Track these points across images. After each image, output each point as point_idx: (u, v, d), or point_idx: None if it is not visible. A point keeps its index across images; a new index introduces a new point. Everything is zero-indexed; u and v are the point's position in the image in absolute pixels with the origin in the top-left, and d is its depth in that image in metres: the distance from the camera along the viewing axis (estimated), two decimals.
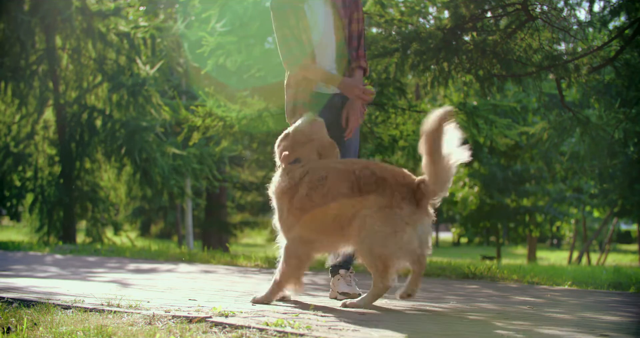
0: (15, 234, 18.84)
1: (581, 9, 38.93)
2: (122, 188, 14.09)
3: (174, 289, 4.48)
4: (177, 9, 13.98)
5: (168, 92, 15.42)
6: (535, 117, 19.14)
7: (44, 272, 5.94)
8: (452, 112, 3.34)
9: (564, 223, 25.05)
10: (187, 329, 2.80)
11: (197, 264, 7.29)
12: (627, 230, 37.13)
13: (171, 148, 13.23)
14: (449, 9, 6.67)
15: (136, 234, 27.87)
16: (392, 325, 2.98)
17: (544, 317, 3.49)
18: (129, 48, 13.17)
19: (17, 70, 12.95)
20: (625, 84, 6.51)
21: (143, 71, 12.95)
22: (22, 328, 2.82)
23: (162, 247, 10.49)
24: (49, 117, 13.70)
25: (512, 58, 6.40)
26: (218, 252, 8.64)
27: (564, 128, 6.99)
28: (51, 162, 13.63)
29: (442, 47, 6.46)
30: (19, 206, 13.69)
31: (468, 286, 5.34)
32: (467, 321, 3.24)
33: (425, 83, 7.25)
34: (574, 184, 21.38)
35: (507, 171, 20.55)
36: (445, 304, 3.95)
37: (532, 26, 6.18)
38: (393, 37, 7.26)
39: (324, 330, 2.81)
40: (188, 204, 17.13)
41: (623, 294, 5.12)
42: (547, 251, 32.15)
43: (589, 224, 27.88)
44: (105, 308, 3.26)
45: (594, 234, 24.69)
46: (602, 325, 3.25)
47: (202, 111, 8.16)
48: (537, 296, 4.67)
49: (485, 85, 6.82)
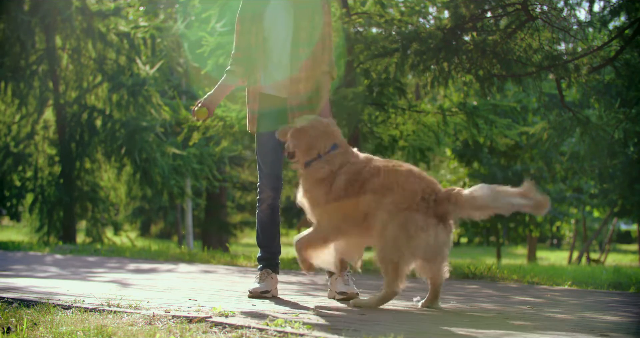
0: (15, 234, 18.83)
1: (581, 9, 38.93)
2: (122, 188, 14.08)
3: (174, 289, 4.48)
4: (177, 9, 13.98)
5: (168, 92, 15.41)
6: (535, 117, 19.13)
7: (44, 272, 5.94)
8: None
9: (564, 223, 25.04)
10: (187, 329, 2.80)
11: (197, 264, 7.29)
12: (627, 230, 37.11)
13: (171, 148, 13.23)
14: (449, 9, 6.67)
15: (136, 234, 27.86)
16: (392, 325, 2.98)
17: (544, 317, 3.49)
18: (129, 48, 13.17)
19: (17, 70, 12.94)
20: (625, 84, 6.51)
21: (143, 71, 12.94)
22: (22, 328, 2.82)
23: (162, 247, 10.49)
24: (49, 117, 13.69)
25: (512, 58, 6.40)
26: (218, 252, 8.64)
27: (564, 128, 6.99)
28: (51, 162, 13.63)
29: (442, 47, 6.46)
30: (19, 206, 13.68)
31: (468, 286, 5.34)
32: (467, 321, 3.24)
33: (425, 83, 7.25)
34: (574, 184, 21.36)
35: (507, 171, 20.53)
36: (445, 304, 3.95)
37: (532, 26, 6.18)
38: (393, 37, 7.27)
39: (324, 330, 2.81)
40: (188, 204, 17.12)
41: (623, 294, 5.12)
42: (547, 251, 32.13)
43: (589, 224, 27.85)
44: (105, 308, 3.26)
45: (594, 234, 24.68)
46: (602, 325, 3.25)
47: None
48: (537, 296, 4.67)
49: (485, 85, 6.82)
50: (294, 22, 4.06)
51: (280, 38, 4.09)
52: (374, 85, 8.09)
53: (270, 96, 4.15)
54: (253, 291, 4.06)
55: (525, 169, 20.63)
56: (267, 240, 4.22)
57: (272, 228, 4.19)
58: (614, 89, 6.73)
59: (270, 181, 4.16)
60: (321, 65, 4.07)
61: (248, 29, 4.13)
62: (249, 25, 4.13)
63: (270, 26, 4.10)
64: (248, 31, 4.13)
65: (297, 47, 4.05)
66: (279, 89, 4.13)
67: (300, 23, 4.05)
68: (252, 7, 4.15)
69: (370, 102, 7.97)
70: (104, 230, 14.43)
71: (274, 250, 4.23)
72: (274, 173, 4.15)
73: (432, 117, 8.33)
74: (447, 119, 8.15)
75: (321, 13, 4.08)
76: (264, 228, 4.20)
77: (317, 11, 4.07)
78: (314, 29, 4.06)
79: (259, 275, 4.17)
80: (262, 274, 4.16)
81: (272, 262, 4.21)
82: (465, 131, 8.37)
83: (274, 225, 4.20)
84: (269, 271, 4.16)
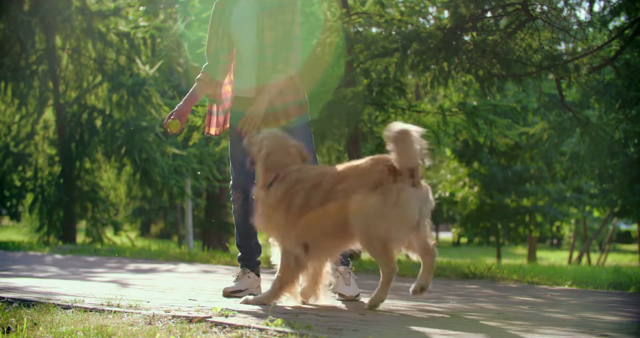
0: (15, 234, 18.83)
1: (581, 9, 38.95)
2: (122, 188, 14.08)
3: (174, 289, 4.48)
4: (177, 9, 13.99)
5: (168, 92, 15.40)
6: (535, 117, 19.13)
7: (44, 272, 5.94)
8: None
9: (564, 223, 25.04)
10: (187, 329, 2.80)
11: (197, 264, 7.29)
12: (627, 230, 37.10)
13: (171, 148, 13.23)
14: (449, 9, 6.67)
15: (136, 234, 27.86)
16: (392, 325, 2.98)
17: (544, 317, 3.49)
18: (129, 48, 13.16)
19: (17, 70, 12.93)
20: (625, 84, 6.51)
21: (143, 71, 12.93)
22: (22, 328, 2.82)
23: (162, 247, 10.49)
24: (49, 117, 13.68)
25: (512, 58, 6.40)
26: (218, 252, 8.63)
27: (564, 128, 6.99)
28: (51, 162, 13.62)
29: (442, 47, 6.46)
30: (19, 206, 13.68)
31: (468, 286, 5.34)
32: (467, 321, 3.24)
33: (425, 83, 7.25)
34: (574, 184, 21.35)
35: (507, 171, 20.54)
36: (445, 304, 3.95)
37: (532, 26, 6.18)
38: (393, 37, 7.26)
39: (324, 330, 2.81)
40: (188, 204, 17.12)
41: (623, 294, 5.12)
42: (547, 251, 32.13)
43: (589, 224, 27.85)
44: (105, 308, 3.26)
45: (594, 234, 24.68)
46: (602, 325, 3.25)
47: (202, 111, 8.16)
48: (537, 296, 4.66)
49: (485, 85, 6.82)
50: (259, 22, 4.01)
51: (247, 39, 4.06)
52: (374, 85, 8.09)
53: (238, 97, 4.15)
54: (224, 291, 4.10)
55: (525, 169, 20.64)
56: (243, 239, 4.22)
57: (247, 228, 4.15)
58: (614, 89, 6.73)
59: (241, 181, 4.14)
60: (278, 63, 3.96)
61: (216, 31, 4.13)
62: (217, 27, 4.13)
63: (237, 27, 4.08)
64: (215, 33, 4.13)
65: (264, 48, 4.01)
66: (246, 91, 4.11)
67: (265, 22, 4.00)
68: (221, 9, 4.15)
69: (370, 102, 7.97)
70: (103, 230, 14.43)
71: (251, 249, 4.22)
72: (245, 172, 4.10)
73: (432, 117, 8.32)
74: (447, 119, 8.14)
75: (286, 11, 3.99)
76: (239, 229, 4.21)
77: (282, 9, 3.99)
78: (276, 28, 3.99)
79: (236, 274, 4.20)
80: (239, 274, 4.19)
81: (251, 262, 4.21)
82: (465, 131, 8.37)
83: (249, 225, 4.14)
84: (246, 270, 4.18)
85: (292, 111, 4.05)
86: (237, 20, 4.10)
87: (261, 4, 4.04)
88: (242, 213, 4.16)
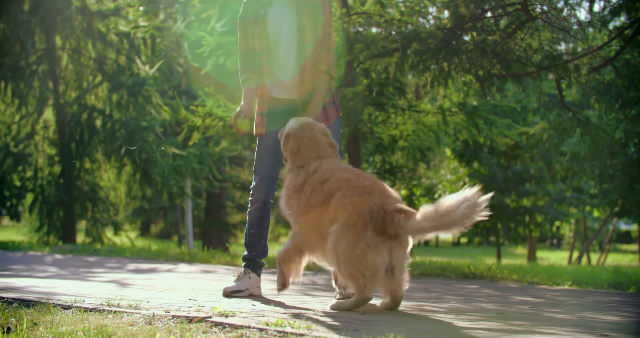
0: (15, 234, 18.83)
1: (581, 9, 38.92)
2: (122, 188, 14.09)
3: (174, 289, 4.48)
4: (177, 9, 13.98)
5: (168, 92, 15.41)
6: (535, 117, 19.13)
7: (44, 272, 5.94)
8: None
9: (564, 223, 25.05)
10: (187, 329, 2.80)
11: (197, 264, 7.29)
12: (627, 230, 37.12)
13: (171, 148, 13.23)
14: (449, 8, 6.67)
15: (136, 234, 27.86)
16: (392, 325, 2.98)
17: (544, 317, 3.49)
18: (129, 48, 13.17)
19: (17, 70, 12.94)
20: (625, 84, 6.51)
21: (143, 71, 12.94)
22: (22, 328, 2.82)
23: (162, 247, 10.49)
24: (49, 117, 13.69)
25: (512, 58, 6.40)
26: (218, 252, 8.64)
27: (564, 128, 6.99)
28: (51, 162, 13.63)
29: (442, 47, 6.46)
30: (19, 206, 13.69)
31: (468, 286, 5.34)
32: (467, 321, 3.24)
33: (425, 83, 7.24)
34: (574, 184, 21.37)
35: (507, 171, 20.54)
36: (445, 304, 3.95)
37: (532, 26, 6.18)
38: (393, 37, 7.25)
39: (324, 330, 2.81)
40: (188, 204, 17.13)
41: (623, 294, 5.12)
42: (547, 251, 32.14)
43: (589, 224, 27.86)
44: (105, 308, 3.26)
45: (594, 234, 24.68)
46: (602, 325, 3.25)
47: (202, 111, 8.17)
48: (537, 296, 4.66)
49: (485, 85, 6.81)
50: (298, 23, 4.06)
51: (285, 39, 4.10)
52: (374, 85, 8.09)
53: (276, 98, 4.16)
54: (224, 291, 4.11)
55: (525, 169, 20.64)
56: (254, 241, 4.24)
57: (260, 230, 4.21)
58: (614, 89, 6.73)
59: (266, 183, 4.17)
60: (321, 64, 4.06)
61: (251, 32, 4.12)
62: (252, 29, 4.12)
63: (275, 28, 4.11)
64: (252, 34, 4.12)
65: (304, 48, 4.06)
66: (284, 91, 4.14)
67: (305, 24, 4.06)
68: (255, 10, 4.14)
69: (370, 102, 7.97)
70: (103, 230, 14.44)
71: (259, 251, 4.25)
72: (271, 175, 4.17)
73: (432, 117, 8.32)
74: (447, 119, 8.14)
75: (322, 13, 4.09)
76: (251, 229, 4.23)
77: (319, 11, 4.08)
78: (317, 29, 4.06)
79: (237, 274, 4.20)
80: (240, 273, 4.20)
81: (255, 263, 4.24)
82: (465, 131, 8.37)
83: (263, 227, 4.22)
84: (248, 270, 4.20)
85: (332, 112, 4.10)
86: (274, 21, 4.11)
87: (298, 5, 4.07)
88: (258, 215, 4.20)
